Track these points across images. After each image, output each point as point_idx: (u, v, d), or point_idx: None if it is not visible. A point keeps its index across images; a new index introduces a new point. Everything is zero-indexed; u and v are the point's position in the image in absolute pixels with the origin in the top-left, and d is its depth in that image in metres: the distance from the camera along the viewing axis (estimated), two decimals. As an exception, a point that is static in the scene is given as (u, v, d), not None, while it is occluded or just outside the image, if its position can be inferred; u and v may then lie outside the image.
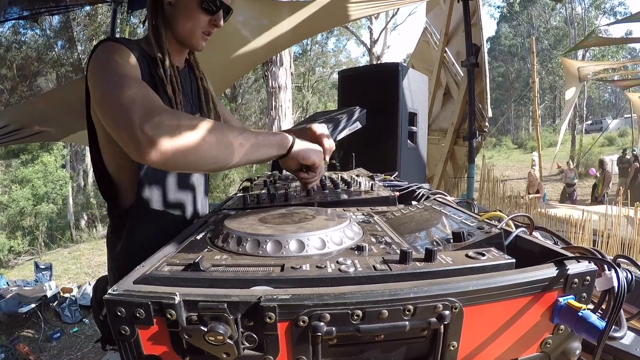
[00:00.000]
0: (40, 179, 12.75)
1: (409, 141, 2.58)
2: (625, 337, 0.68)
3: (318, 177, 0.96)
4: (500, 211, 0.69)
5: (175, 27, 1.03)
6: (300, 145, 0.88)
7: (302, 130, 1.06)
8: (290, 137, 0.87)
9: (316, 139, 1.01)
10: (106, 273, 1.15)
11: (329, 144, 1.01)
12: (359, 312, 0.42)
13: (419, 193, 1.01)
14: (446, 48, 4.64)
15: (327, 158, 1.03)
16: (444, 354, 0.46)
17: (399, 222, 0.73)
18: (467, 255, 0.51)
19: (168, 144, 0.70)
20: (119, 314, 0.43)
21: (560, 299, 0.48)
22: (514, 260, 0.50)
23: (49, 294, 6.00)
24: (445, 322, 0.43)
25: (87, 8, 12.97)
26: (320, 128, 1.03)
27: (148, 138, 0.69)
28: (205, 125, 0.74)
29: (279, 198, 0.95)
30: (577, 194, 9.66)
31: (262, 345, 0.43)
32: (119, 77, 0.82)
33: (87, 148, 0.97)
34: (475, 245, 0.56)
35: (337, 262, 0.50)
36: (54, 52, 14.39)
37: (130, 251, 1.04)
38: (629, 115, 17.45)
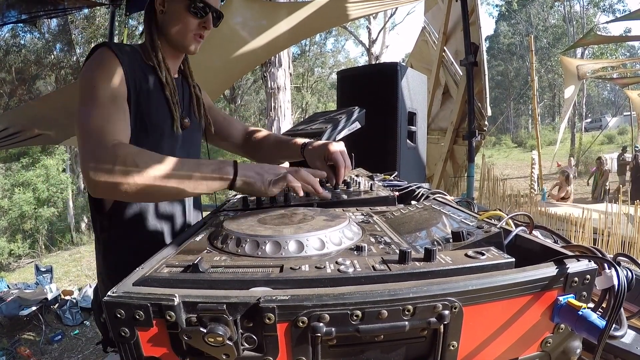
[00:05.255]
0: (44, 182, 12.74)
1: (408, 141, 2.57)
2: (626, 336, 0.68)
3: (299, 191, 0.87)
4: (500, 210, 0.68)
5: (167, 33, 1.08)
6: (243, 178, 0.84)
7: (319, 147, 1.09)
8: (231, 172, 0.84)
9: (329, 156, 1.02)
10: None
11: (343, 162, 1.02)
12: (359, 313, 0.42)
13: (419, 193, 1.01)
14: (445, 47, 4.64)
15: (342, 176, 1.03)
16: (444, 353, 0.46)
17: (399, 222, 0.73)
18: (466, 255, 0.50)
19: (107, 188, 0.81)
20: (118, 315, 0.43)
21: (561, 298, 0.48)
22: (513, 260, 0.50)
23: (49, 296, 6.00)
24: (445, 322, 0.43)
25: (85, 11, 12.98)
26: (336, 146, 1.05)
27: (92, 181, 0.80)
28: (146, 163, 0.80)
29: (278, 199, 0.95)
30: (578, 192, 9.64)
31: (261, 346, 0.43)
32: (93, 101, 0.90)
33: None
34: (474, 245, 0.56)
35: (336, 262, 0.50)
36: (52, 55, 14.39)
37: (116, 254, 1.07)
38: (628, 113, 17.44)
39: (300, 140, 1.20)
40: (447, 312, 0.43)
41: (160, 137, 1.06)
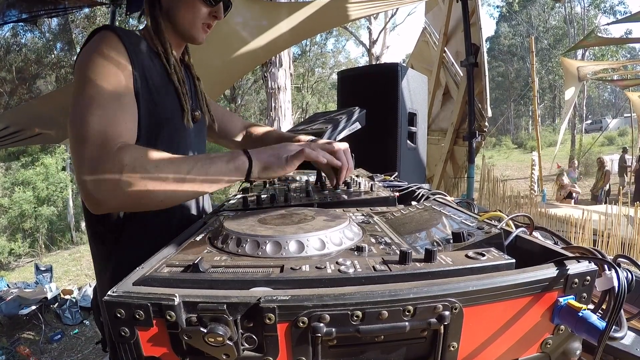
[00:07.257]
0: (43, 181, 12.74)
1: (408, 141, 2.57)
2: (626, 337, 0.68)
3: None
4: (500, 211, 0.68)
5: (174, 19, 1.00)
6: (260, 164, 0.81)
7: (324, 144, 1.06)
8: (246, 161, 0.80)
9: (333, 154, 1.01)
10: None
11: (346, 164, 0.97)
12: (359, 313, 0.42)
13: (419, 193, 1.01)
14: (445, 48, 4.64)
15: (343, 177, 1.01)
16: (444, 354, 0.46)
17: (399, 223, 0.73)
18: (467, 256, 0.50)
19: (113, 203, 0.73)
20: (118, 315, 0.43)
21: (561, 299, 0.48)
22: (513, 261, 0.50)
23: (49, 295, 6.00)
24: (445, 323, 0.43)
25: (86, 10, 12.99)
26: (340, 146, 1.00)
27: (92, 198, 0.72)
28: (157, 167, 0.72)
29: (278, 199, 0.95)
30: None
31: (261, 347, 0.43)
32: (92, 99, 0.78)
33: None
34: (475, 246, 0.56)
35: (337, 262, 0.50)
36: (53, 55, 14.40)
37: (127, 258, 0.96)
38: (629, 115, 17.44)
39: (304, 138, 1.17)
40: (447, 312, 0.43)
41: (174, 131, 0.97)
